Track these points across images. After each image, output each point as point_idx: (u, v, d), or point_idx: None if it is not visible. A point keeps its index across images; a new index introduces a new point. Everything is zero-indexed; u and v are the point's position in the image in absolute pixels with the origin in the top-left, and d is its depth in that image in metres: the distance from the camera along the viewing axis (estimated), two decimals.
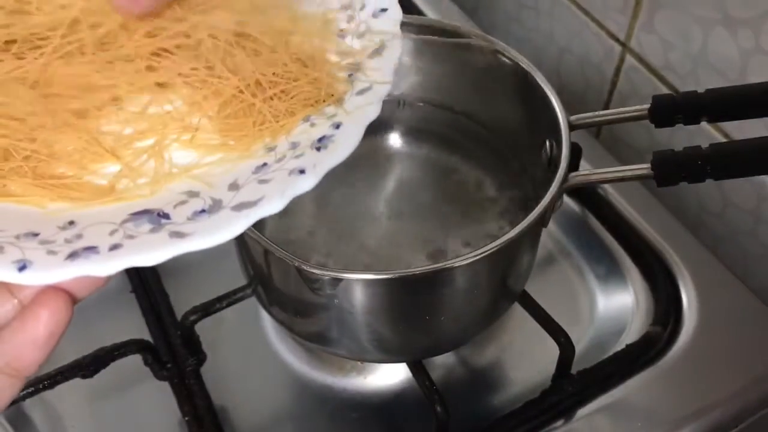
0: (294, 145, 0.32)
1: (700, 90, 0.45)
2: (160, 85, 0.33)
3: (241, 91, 0.32)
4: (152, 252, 0.28)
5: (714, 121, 0.53)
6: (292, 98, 0.33)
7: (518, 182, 0.53)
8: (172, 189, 0.31)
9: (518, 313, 0.51)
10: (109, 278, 0.28)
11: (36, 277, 0.27)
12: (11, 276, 0.27)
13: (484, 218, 0.52)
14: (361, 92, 0.33)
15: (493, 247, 0.41)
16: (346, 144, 0.31)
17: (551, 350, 0.49)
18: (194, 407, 0.49)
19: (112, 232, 0.29)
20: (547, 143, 0.48)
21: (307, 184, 0.30)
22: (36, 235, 0.29)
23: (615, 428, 0.49)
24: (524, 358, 0.54)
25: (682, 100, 0.46)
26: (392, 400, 0.52)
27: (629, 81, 0.67)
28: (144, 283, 0.56)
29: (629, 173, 0.44)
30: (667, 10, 0.60)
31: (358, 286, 0.42)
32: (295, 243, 0.51)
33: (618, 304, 0.56)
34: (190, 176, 0.32)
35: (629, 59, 0.66)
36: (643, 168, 0.43)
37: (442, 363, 0.53)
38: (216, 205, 0.30)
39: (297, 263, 0.40)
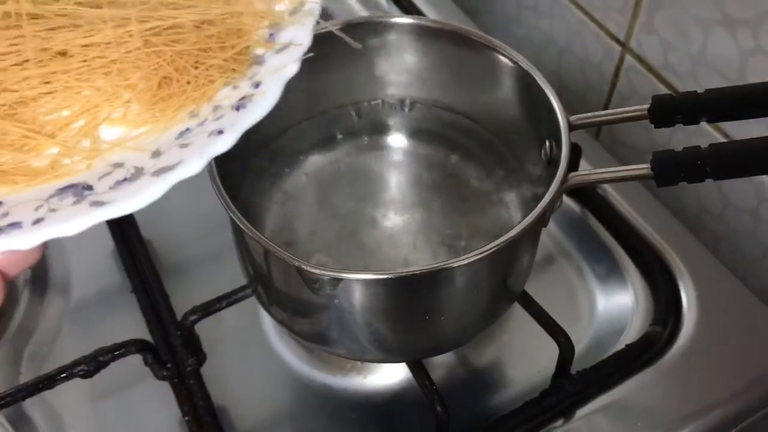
0: (216, 108, 0.32)
1: (700, 90, 0.45)
2: (87, 66, 0.34)
3: (160, 66, 0.33)
4: (72, 221, 0.29)
5: (713, 121, 0.53)
6: (209, 68, 0.34)
7: (518, 182, 0.53)
8: (102, 162, 0.32)
9: (518, 313, 0.51)
10: (38, 252, 0.29)
11: None
12: None
13: (484, 218, 0.52)
14: (279, 51, 0.34)
15: (492, 247, 0.41)
16: (264, 102, 0.31)
17: (551, 350, 0.49)
18: (194, 407, 0.49)
19: (37, 208, 0.30)
20: (547, 143, 0.48)
21: (225, 143, 0.30)
22: None
23: (615, 428, 0.49)
24: (524, 358, 0.54)
25: (682, 100, 0.46)
26: (392, 400, 0.52)
27: (629, 81, 0.67)
28: (144, 283, 0.56)
29: (629, 173, 0.44)
30: (667, 10, 0.60)
31: (358, 286, 0.42)
32: (296, 243, 0.51)
33: (618, 304, 0.56)
34: (121, 149, 0.32)
35: (629, 59, 0.66)
36: (643, 168, 0.43)
37: (442, 363, 0.53)
38: (137, 173, 0.31)
39: (297, 263, 0.40)
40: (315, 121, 0.55)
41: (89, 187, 0.31)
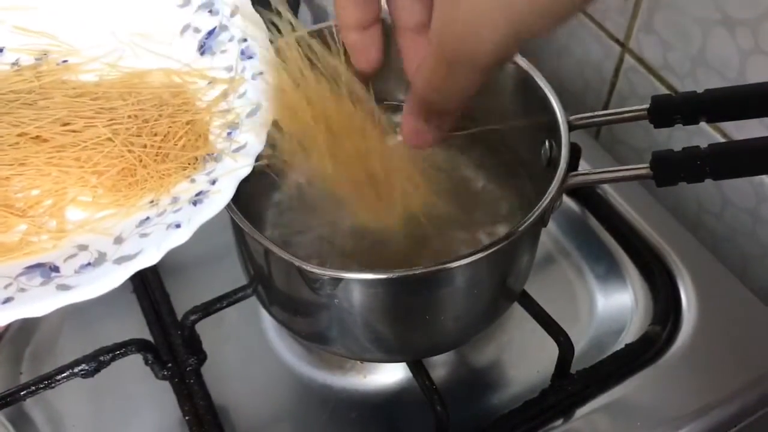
0: (175, 200, 0.35)
1: (699, 90, 0.45)
2: (59, 151, 0.37)
3: (125, 154, 0.36)
4: (39, 303, 0.31)
5: (713, 121, 0.54)
6: (170, 161, 0.37)
7: (517, 182, 0.53)
8: (68, 243, 0.34)
9: (518, 313, 0.51)
10: (4, 326, 0.30)
11: None
12: None
13: (483, 218, 0.52)
14: (237, 150, 0.36)
15: (492, 247, 0.41)
16: (219, 199, 0.34)
17: (551, 350, 0.49)
18: (194, 407, 0.49)
19: (6, 286, 0.32)
20: (547, 143, 0.48)
21: (181, 237, 0.33)
22: None
23: (614, 427, 0.49)
24: (524, 358, 0.54)
25: (681, 101, 0.46)
26: (392, 399, 0.52)
27: (628, 81, 0.67)
28: (144, 283, 0.56)
29: (628, 173, 0.44)
30: (667, 10, 0.60)
31: (358, 286, 0.42)
32: (296, 243, 0.51)
33: (617, 304, 0.56)
34: (85, 231, 0.35)
35: (628, 59, 0.66)
36: (642, 168, 0.43)
37: (442, 363, 0.54)
38: (101, 258, 0.33)
39: (297, 263, 0.41)
40: None
41: (56, 269, 0.33)
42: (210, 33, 0.42)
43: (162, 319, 0.54)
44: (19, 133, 0.36)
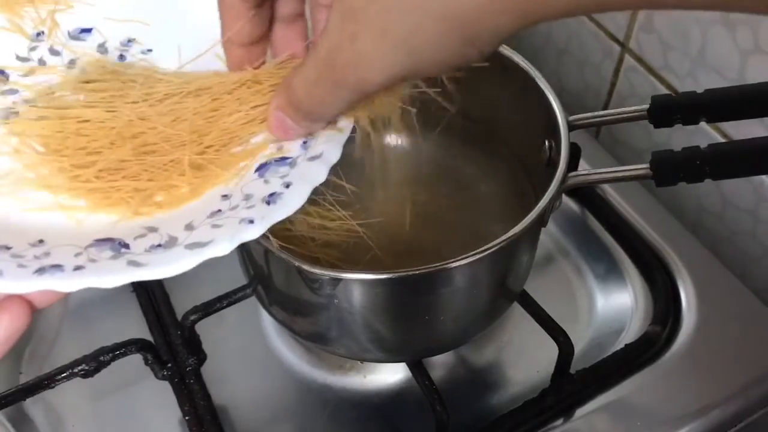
0: (248, 197, 0.35)
1: (699, 90, 0.45)
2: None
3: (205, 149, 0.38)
4: (110, 275, 0.31)
5: (713, 121, 0.54)
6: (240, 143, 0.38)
7: (517, 182, 0.53)
8: (136, 223, 0.35)
9: (518, 312, 0.51)
10: (68, 292, 0.31)
11: (6, 286, 0.30)
12: None
13: (483, 217, 0.52)
14: (313, 158, 0.36)
15: (492, 247, 0.41)
16: (292, 202, 0.34)
17: (550, 350, 0.49)
18: (194, 407, 0.49)
19: (76, 254, 0.33)
20: (547, 143, 0.48)
21: (254, 232, 0.34)
22: (8, 248, 0.33)
23: (614, 427, 0.49)
24: (523, 358, 0.54)
25: (681, 101, 0.46)
26: (392, 399, 0.52)
27: (628, 81, 0.67)
28: (144, 283, 0.56)
29: (628, 173, 0.44)
30: (666, 10, 0.60)
31: (358, 286, 0.42)
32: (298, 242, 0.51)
33: (617, 304, 0.56)
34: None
35: (628, 59, 0.66)
36: (642, 168, 0.43)
37: (442, 363, 0.54)
38: (171, 242, 0.33)
39: (297, 263, 0.41)
40: None
41: (125, 245, 0.33)
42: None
43: (162, 319, 0.54)
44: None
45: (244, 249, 0.46)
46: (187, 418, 0.49)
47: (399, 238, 0.50)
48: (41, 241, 0.33)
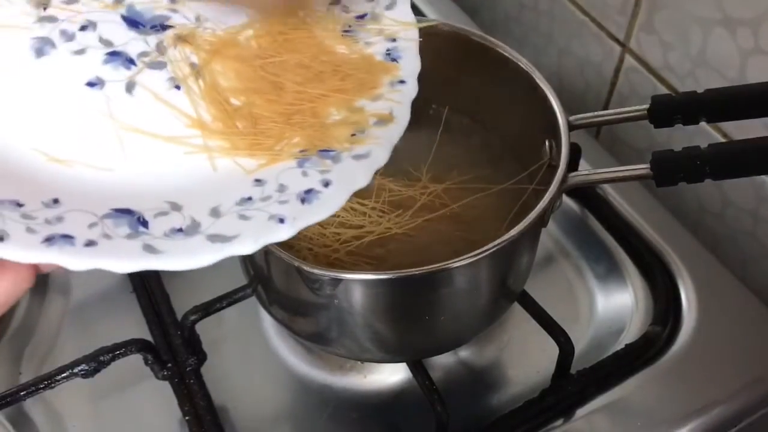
0: (282, 188, 0.33)
1: (700, 90, 0.45)
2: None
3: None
4: (123, 260, 0.29)
5: (713, 121, 0.54)
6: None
7: (517, 182, 0.53)
8: (158, 196, 0.33)
9: (518, 313, 0.51)
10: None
11: (9, 253, 0.28)
12: None
13: (483, 218, 0.52)
14: (358, 158, 0.34)
15: (492, 247, 0.41)
16: (329, 205, 0.32)
17: (551, 350, 0.49)
18: (194, 407, 0.49)
19: (90, 225, 0.30)
20: (547, 143, 0.48)
21: (283, 233, 0.31)
22: (20, 205, 0.30)
23: (614, 427, 0.49)
24: (524, 358, 0.54)
25: (681, 101, 0.46)
26: (392, 400, 0.52)
27: (628, 81, 0.67)
28: (144, 283, 0.56)
29: (628, 173, 0.44)
30: (667, 10, 0.60)
31: (358, 286, 0.42)
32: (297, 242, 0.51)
33: (617, 304, 0.56)
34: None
35: (628, 59, 0.66)
36: (642, 168, 0.43)
37: (442, 363, 0.54)
38: (193, 227, 0.31)
39: (297, 263, 0.41)
40: None
41: (144, 223, 0.31)
42: (360, 17, 0.40)
43: (162, 319, 0.54)
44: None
45: None
46: (187, 418, 0.49)
47: (398, 238, 0.50)
48: (56, 201, 0.31)
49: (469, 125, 0.56)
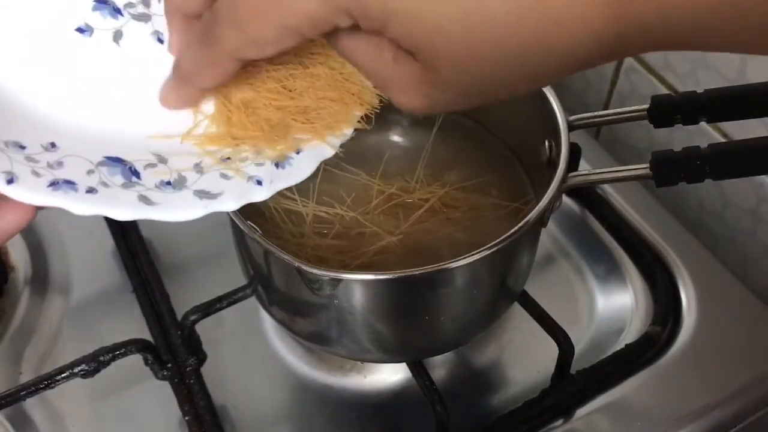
0: (259, 150, 0.36)
1: (699, 90, 0.45)
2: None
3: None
4: (122, 208, 0.31)
5: (713, 121, 0.54)
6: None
7: (517, 182, 0.53)
8: (145, 146, 0.35)
9: (518, 313, 0.51)
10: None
11: (21, 195, 0.30)
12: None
13: (483, 218, 0.52)
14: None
15: (492, 247, 0.41)
16: (300, 170, 0.35)
17: (551, 350, 0.49)
18: (194, 407, 0.49)
19: (88, 172, 0.32)
20: (547, 143, 0.48)
21: (260, 194, 0.34)
22: (23, 147, 0.32)
23: (614, 427, 0.49)
24: (524, 358, 0.54)
25: (681, 101, 0.46)
26: (392, 400, 0.52)
27: (628, 81, 0.67)
28: (144, 283, 0.56)
29: (628, 173, 0.44)
30: None
31: (358, 286, 0.42)
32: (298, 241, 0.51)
33: (617, 304, 0.56)
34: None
35: (628, 59, 0.66)
36: (642, 168, 0.43)
37: (442, 363, 0.54)
38: (180, 182, 0.34)
39: (297, 263, 0.41)
40: None
41: (137, 174, 0.33)
42: None
43: (162, 319, 0.54)
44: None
45: (244, 249, 0.46)
46: (187, 418, 0.49)
47: (398, 240, 0.50)
48: (53, 145, 0.33)
49: (468, 125, 0.56)
